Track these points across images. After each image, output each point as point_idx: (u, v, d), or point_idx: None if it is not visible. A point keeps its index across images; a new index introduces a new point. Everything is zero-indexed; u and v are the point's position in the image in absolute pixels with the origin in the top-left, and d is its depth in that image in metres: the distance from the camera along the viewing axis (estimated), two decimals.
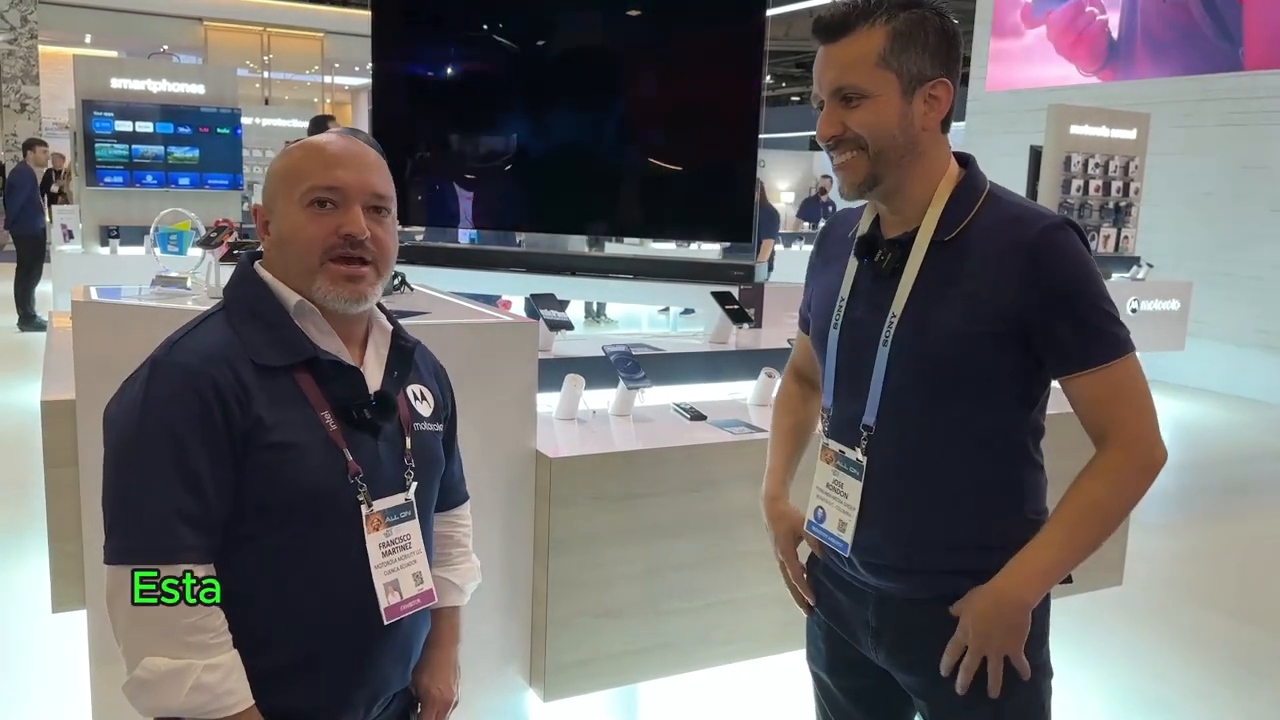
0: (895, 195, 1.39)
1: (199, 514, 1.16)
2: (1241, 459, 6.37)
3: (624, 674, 2.45)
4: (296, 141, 1.34)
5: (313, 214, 1.25)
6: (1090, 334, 1.31)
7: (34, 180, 9.18)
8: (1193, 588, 4.08)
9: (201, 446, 1.16)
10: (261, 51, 18.38)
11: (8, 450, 5.16)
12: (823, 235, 1.61)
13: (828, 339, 1.47)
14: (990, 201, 1.38)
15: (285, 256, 1.27)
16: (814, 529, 1.51)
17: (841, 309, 1.45)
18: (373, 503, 1.27)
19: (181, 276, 2.46)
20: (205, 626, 1.16)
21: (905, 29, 1.32)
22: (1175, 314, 7.05)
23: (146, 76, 7.01)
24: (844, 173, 1.38)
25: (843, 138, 1.35)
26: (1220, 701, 3.10)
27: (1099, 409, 1.34)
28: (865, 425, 1.41)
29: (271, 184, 1.29)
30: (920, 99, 1.34)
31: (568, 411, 2.61)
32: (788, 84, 26.24)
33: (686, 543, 2.43)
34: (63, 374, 2.29)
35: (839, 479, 1.45)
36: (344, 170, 1.25)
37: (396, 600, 1.30)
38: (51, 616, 2.34)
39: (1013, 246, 1.32)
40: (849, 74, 1.33)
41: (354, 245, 1.25)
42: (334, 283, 1.25)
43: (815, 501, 1.50)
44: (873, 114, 1.33)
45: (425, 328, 2.23)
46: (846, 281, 1.46)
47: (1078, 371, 1.33)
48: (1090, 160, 7.25)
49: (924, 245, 1.37)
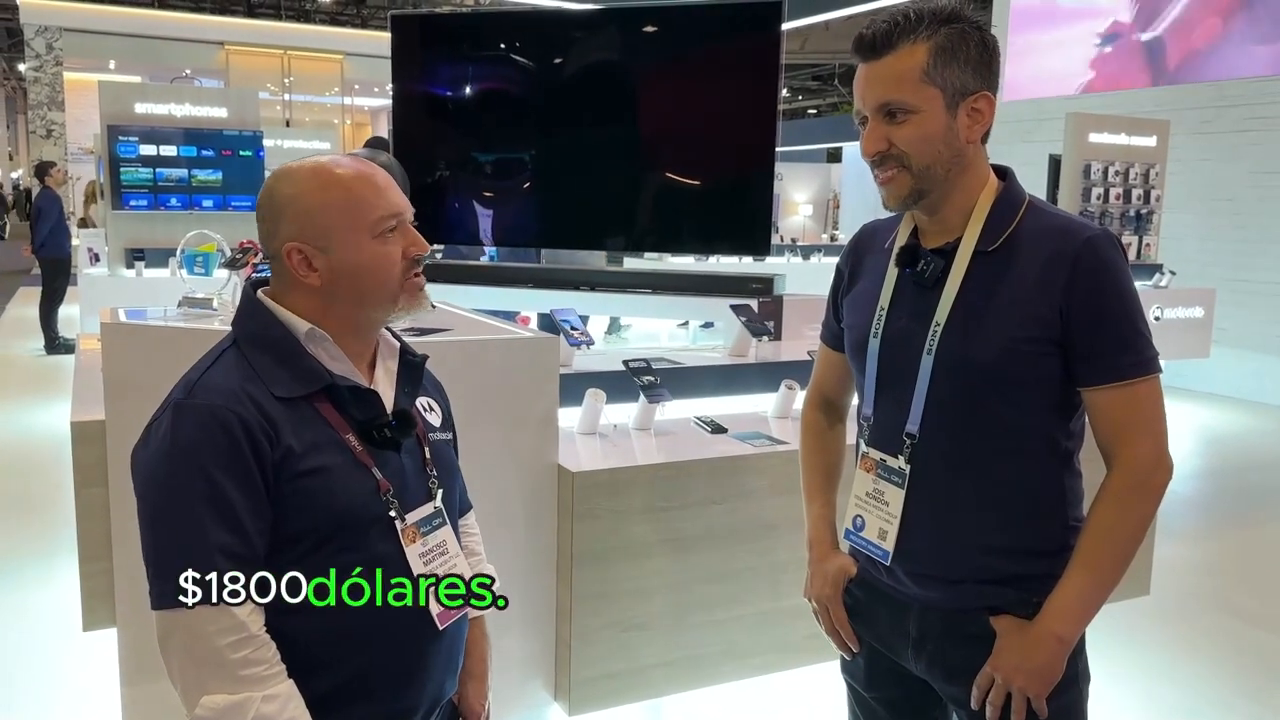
0: (939, 206, 1.40)
1: (240, 550, 1.17)
2: (1264, 466, 6.30)
3: (649, 688, 2.45)
4: (297, 168, 1.31)
5: (384, 242, 1.29)
6: (1120, 348, 1.33)
7: (60, 204, 9.29)
8: (1218, 596, 4.03)
9: (235, 483, 1.17)
10: (282, 74, 18.59)
11: (38, 472, 5.22)
12: (854, 245, 1.61)
13: (868, 348, 1.47)
14: (1030, 212, 1.40)
15: (358, 287, 1.29)
16: (852, 538, 1.51)
17: (882, 318, 1.45)
18: (405, 515, 1.30)
19: (207, 298, 2.49)
20: (259, 659, 1.17)
21: (947, 44, 1.33)
22: (1200, 321, 6.99)
23: (170, 101, 7.12)
24: (889, 188, 1.39)
25: (888, 154, 1.36)
26: (1247, 712, 3.07)
27: (1112, 424, 1.35)
28: (908, 433, 1.41)
29: (324, 220, 1.27)
30: (964, 112, 1.36)
31: (589, 426, 2.62)
32: (805, 97, 26.26)
33: (710, 555, 2.44)
34: (92, 395, 2.32)
35: (879, 487, 1.45)
36: (395, 195, 1.31)
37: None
38: (82, 635, 2.37)
39: (1057, 256, 1.33)
40: (894, 90, 1.34)
41: (419, 264, 1.33)
42: (414, 295, 1.32)
43: (853, 510, 1.50)
44: (918, 129, 1.34)
45: (448, 344, 2.26)
46: (886, 290, 1.46)
47: (1101, 384, 1.34)
48: (1110, 168, 7.21)
49: (967, 255, 1.38)
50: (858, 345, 1.50)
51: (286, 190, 1.29)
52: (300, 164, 1.32)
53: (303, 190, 1.28)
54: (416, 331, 2.29)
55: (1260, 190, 8.01)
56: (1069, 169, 7.11)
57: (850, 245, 1.62)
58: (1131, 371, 1.33)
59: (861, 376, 1.51)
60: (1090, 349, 1.33)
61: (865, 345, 1.47)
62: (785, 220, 20.17)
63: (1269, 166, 7.94)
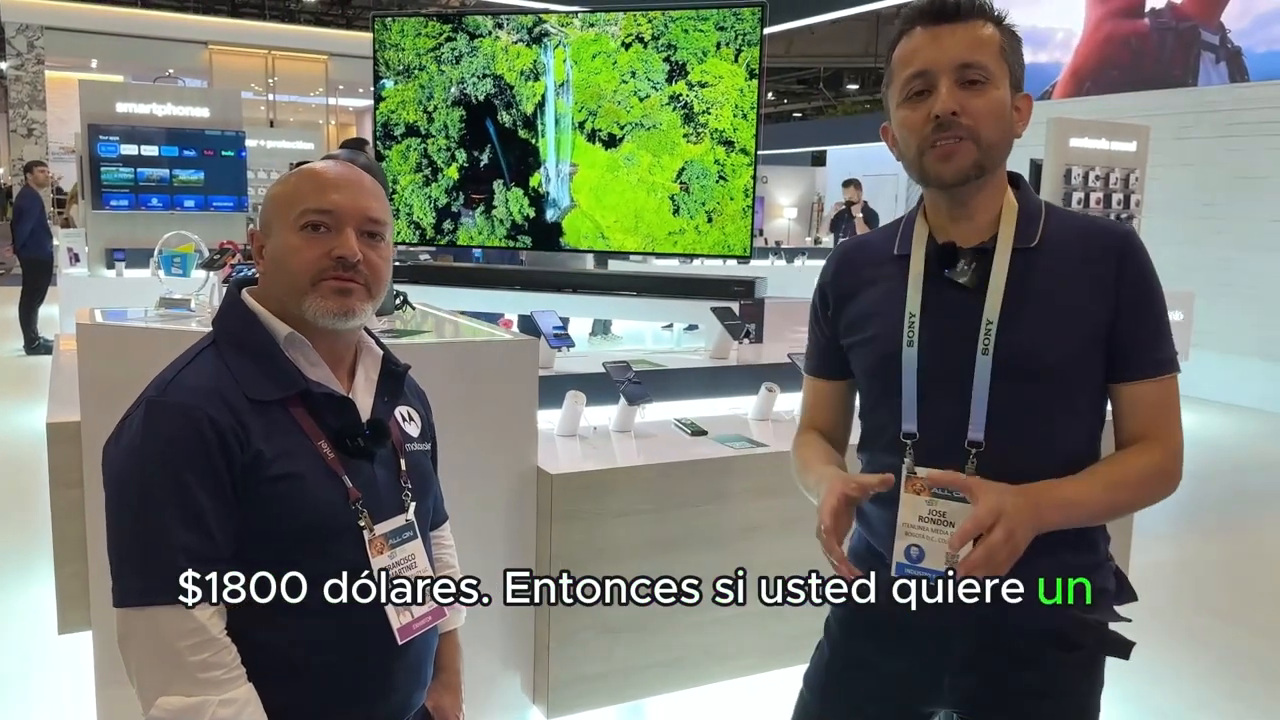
0: (977, 196, 1.37)
1: (204, 552, 1.16)
2: (1244, 468, 6.36)
3: (629, 690, 2.45)
4: (298, 166, 1.35)
5: (306, 237, 1.26)
6: (1161, 342, 1.35)
7: (41, 204, 9.22)
8: (1197, 596, 4.06)
9: (203, 485, 1.17)
10: (266, 74, 18.49)
11: (14, 473, 5.18)
12: (840, 263, 1.52)
13: (902, 360, 1.37)
14: (1052, 214, 1.40)
15: (278, 279, 1.28)
16: (908, 571, 1.33)
17: (915, 324, 1.36)
18: (374, 527, 1.29)
19: (185, 298, 2.48)
20: (218, 662, 1.16)
21: (1010, 35, 1.35)
22: (1180, 325, 7.04)
23: (151, 100, 7.06)
24: (952, 159, 1.31)
25: (957, 122, 1.30)
26: (1224, 710, 3.09)
27: (1153, 415, 1.34)
28: (972, 441, 1.32)
29: (268, 209, 1.31)
30: (1014, 105, 1.35)
31: (569, 428, 2.62)
32: (790, 100, 26.32)
33: (690, 558, 2.44)
34: (68, 397, 2.31)
35: (939, 509, 1.31)
36: (338, 194, 1.27)
37: (408, 620, 1.31)
38: (57, 638, 2.35)
39: (1100, 251, 1.34)
40: (979, 52, 1.31)
41: (345, 268, 1.25)
42: (324, 298, 1.25)
43: (904, 541, 1.34)
44: (994, 101, 1.31)
45: (427, 346, 2.25)
46: (913, 296, 1.38)
47: (1144, 378, 1.34)
48: (1090, 173, 7.26)
49: (1006, 251, 1.35)
50: (884, 360, 1.39)
51: (272, 188, 1.34)
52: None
53: (276, 183, 1.33)
54: (392, 334, 2.29)
55: (1238, 195, 8.09)
56: (1050, 174, 7.14)
57: (834, 265, 1.53)
58: (1169, 367, 1.35)
59: (889, 394, 1.39)
60: (1137, 341, 1.33)
61: (895, 357, 1.37)
62: (770, 223, 20.22)
63: (1246, 172, 8.03)
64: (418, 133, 5.33)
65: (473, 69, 5.14)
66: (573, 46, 4.95)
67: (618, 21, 4.84)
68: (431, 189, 5.35)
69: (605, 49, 4.89)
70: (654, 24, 4.77)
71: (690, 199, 4.84)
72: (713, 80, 4.70)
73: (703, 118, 4.75)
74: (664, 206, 4.89)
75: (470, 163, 5.25)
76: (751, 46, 4.63)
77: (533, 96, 5.07)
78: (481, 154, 5.22)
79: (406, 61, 5.28)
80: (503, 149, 5.17)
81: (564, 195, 5.10)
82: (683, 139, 4.80)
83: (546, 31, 4.99)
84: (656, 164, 4.86)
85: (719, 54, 4.68)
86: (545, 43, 5.00)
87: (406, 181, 5.38)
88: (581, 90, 4.95)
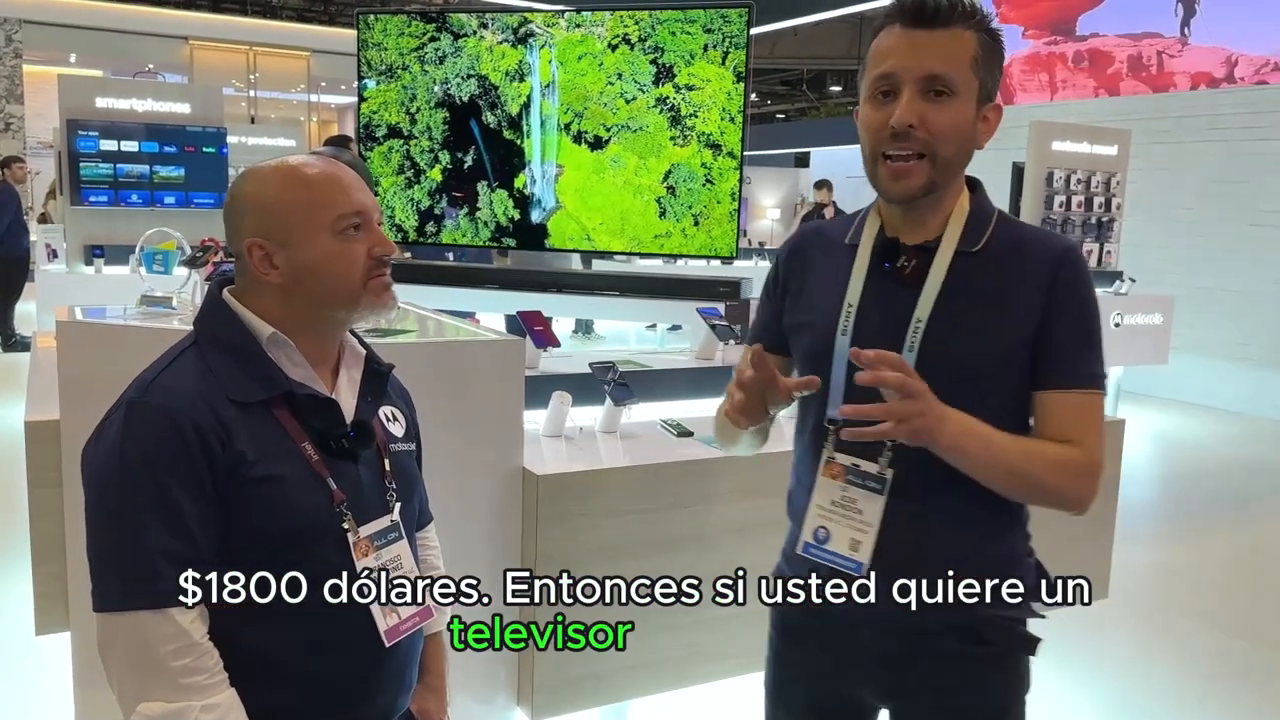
0: (928, 206, 1.37)
1: (185, 555, 1.15)
2: (1222, 471, 6.41)
3: (614, 692, 2.44)
4: (263, 166, 1.31)
5: (347, 240, 1.27)
6: (1089, 357, 1.35)
7: (18, 199, 9.13)
8: (1176, 598, 4.10)
9: (184, 488, 1.15)
10: (248, 70, 18.38)
11: None
12: (798, 245, 1.53)
13: (834, 346, 1.39)
14: (1001, 221, 1.40)
15: (314, 288, 1.27)
16: (813, 551, 1.40)
17: (851, 314, 1.38)
18: (359, 528, 1.28)
19: (167, 296, 2.45)
20: (200, 668, 1.15)
21: (989, 43, 1.33)
22: (1158, 327, 7.11)
23: (131, 95, 6.99)
24: (906, 180, 1.32)
25: (914, 135, 1.29)
26: (1204, 711, 3.12)
27: (1074, 426, 1.33)
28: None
29: (282, 218, 1.26)
30: (981, 116, 1.35)
31: (554, 429, 2.61)
32: (773, 102, 26.39)
33: (676, 559, 2.43)
34: (47, 395, 2.28)
35: (851, 495, 1.37)
36: (360, 194, 1.29)
37: (395, 621, 1.30)
38: (35, 639, 2.32)
39: (1038, 263, 1.34)
40: (948, 64, 1.29)
41: (385, 264, 1.31)
42: (376, 295, 1.30)
43: (814, 521, 1.40)
44: (956, 115, 1.30)
45: (411, 346, 2.24)
46: (854, 287, 1.39)
47: (1065, 388, 1.34)
48: (1072, 176, 7.31)
49: (948, 253, 1.36)
50: (818, 345, 1.42)
51: (250, 187, 1.29)
52: (267, 163, 1.31)
53: (266, 187, 1.28)
54: (377, 333, 2.27)
55: (1218, 199, 8.17)
56: (1032, 177, 7.19)
57: (792, 246, 1.54)
58: (1092, 382, 1.34)
59: (829, 377, 1.40)
60: (1062, 351, 1.33)
61: (829, 344, 1.40)
62: (753, 224, 20.26)
63: (1226, 176, 8.10)
64: (400, 134, 5.30)
65: (457, 69, 5.12)
66: (558, 47, 4.93)
67: (604, 22, 4.83)
68: (414, 191, 5.32)
69: (591, 50, 4.88)
70: (641, 25, 4.76)
71: (677, 202, 4.83)
72: (700, 83, 4.70)
73: (690, 121, 4.74)
74: (650, 209, 4.88)
75: (454, 164, 5.23)
76: (739, 49, 4.63)
77: (518, 97, 5.05)
78: (466, 155, 5.20)
79: (389, 62, 5.25)
80: (487, 150, 5.15)
81: (549, 197, 5.09)
82: (669, 141, 4.79)
83: (532, 32, 4.98)
84: (643, 166, 4.85)
85: (706, 56, 4.68)
86: (531, 43, 4.98)
87: (389, 184, 5.35)
88: (567, 91, 4.94)
